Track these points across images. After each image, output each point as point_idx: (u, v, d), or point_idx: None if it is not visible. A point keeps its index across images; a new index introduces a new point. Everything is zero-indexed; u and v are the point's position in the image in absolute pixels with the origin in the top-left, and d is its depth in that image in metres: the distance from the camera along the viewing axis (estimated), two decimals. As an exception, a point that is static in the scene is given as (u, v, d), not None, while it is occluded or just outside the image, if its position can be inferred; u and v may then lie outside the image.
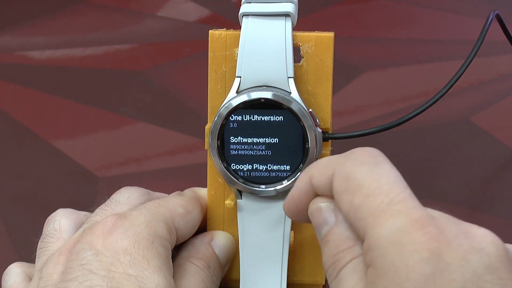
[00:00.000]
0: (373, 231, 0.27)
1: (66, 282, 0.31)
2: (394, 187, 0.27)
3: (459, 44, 0.70)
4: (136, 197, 0.37)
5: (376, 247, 0.26)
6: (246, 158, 0.36)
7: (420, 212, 0.27)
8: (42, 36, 0.75)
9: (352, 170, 0.28)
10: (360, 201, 0.27)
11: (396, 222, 0.26)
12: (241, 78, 0.36)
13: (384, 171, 0.28)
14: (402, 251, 0.26)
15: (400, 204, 0.27)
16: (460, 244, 0.26)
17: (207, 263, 0.36)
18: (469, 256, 0.25)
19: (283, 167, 0.36)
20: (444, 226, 0.26)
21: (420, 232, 0.26)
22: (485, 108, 0.59)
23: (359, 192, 0.28)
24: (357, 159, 0.29)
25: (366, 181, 0.28)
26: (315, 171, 0.30)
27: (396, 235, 0.26)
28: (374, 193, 0.27)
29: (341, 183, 0.28)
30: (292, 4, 0.36)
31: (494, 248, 0.26)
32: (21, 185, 0.52)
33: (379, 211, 0.27)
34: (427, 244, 0.25)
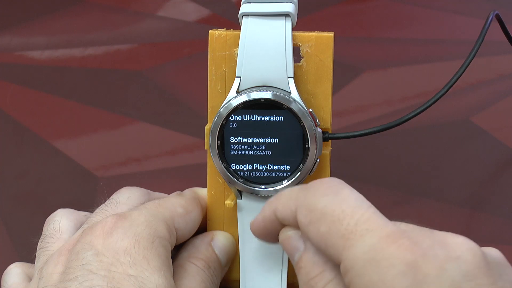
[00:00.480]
0: (347, 253, 0.27)
1: (66, 282, 0.31)
2: (356, 209, 0.28)
3: (459, 44, 0.70)
4: (136, 197, 0.37)
5: (351, 268, 0.27)
6: (246, 158, 0.36)
7: (389, 227, 0.27)
8: (42, 36, 0.75)
9: (314, 202, 0.29)
10: (327, 228, 0.28)
11: (367, 241, 0.26)
12: (241, 78, 0.36)
13: (344, 197, 0.28)
14: (378, 268, 0.26)
15: (367, 223, 0.27)
16: (436, 254, 0.26)
17: (207, 263, 0.36)
18: (446, 266, 0.25)
19: (283, 167, 0.36)
20: (417, 237, 0.26)
21: (393, 246, 0.26)
22: (485, 108, 0.59)
23: (324, 220, 0.28)
24: (317, 191, 0.29)
25: (329, 209, 0.28)
26: (278, 205, 0.31)
27: (370, 253, 0.26)
28: (338, 218, 0.28)
29: (305, 215, 0.29)
30: (292, 4, 0.36)
31: (471, 255, 0.26)
32: (21, 185, 0.52)
33: (348, 234, 0.27)
34: (402, 257, 0.26)
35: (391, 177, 0.51)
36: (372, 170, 0.52)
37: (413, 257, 0.25)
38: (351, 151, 0.52)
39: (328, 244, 0.28)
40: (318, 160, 0.36)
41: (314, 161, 0.35)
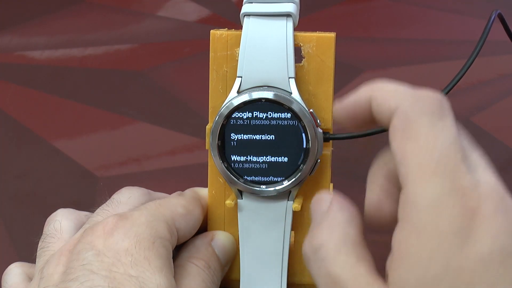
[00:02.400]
0: (415, 187, 0.27)
1: (67, 282, 0.31)
2: (450, 148, 0.27)
3: (459, 44, 0.70)
4: (137, 197, 0.37)
5: (413, 203, 0.26)
6: (247, 158, 0.36)
7: (466, 180, 0.26)
8: (42, 36, 0.75)
9: (416, 114, 0.28)
10: (412, 148, 0.27)
11: (440, 185, 0.26)
12: (242, 78, 0.36)
13: (445, 127, 0.28)
14: (439, 215, 0.26)
15: (450, 166, 0.27)
16: (496, 222, 0.26)
17: (208, 263, 0.36)
18: (500, 236, 0.26)
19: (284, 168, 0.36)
20: (485, 198, 0.26)
21: (460, 202, 0.26)
22: (485, 108, 0.59)
23: (415, 139, 0.27)
24: (425, 105, 0.28)
25: (426, 132, 0.27)
26: (378, 95, 0.30)
27: (436, 198, 0.26)
28: (428, 148, 0.27)
29: (401, 122, 0.28)
30: (293, 4, 0.36)
31: None
32: (21, 185, 0.52)
33: (427, 167, 0.27)
34: (461, 215, 0.26)
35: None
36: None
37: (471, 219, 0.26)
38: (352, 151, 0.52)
39: (404, 163, 0.27)
40: (319, 160, 0.36)
41: (314, 161, 0.35)
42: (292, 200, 0.36)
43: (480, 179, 0.27)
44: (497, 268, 0.25)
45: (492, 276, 0.25)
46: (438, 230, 0.26)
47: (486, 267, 0.25)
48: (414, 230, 0.26)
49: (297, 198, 0.36)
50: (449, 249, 0.26)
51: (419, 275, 0.26)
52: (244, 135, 0.36)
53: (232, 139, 0.36)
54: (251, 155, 0.36)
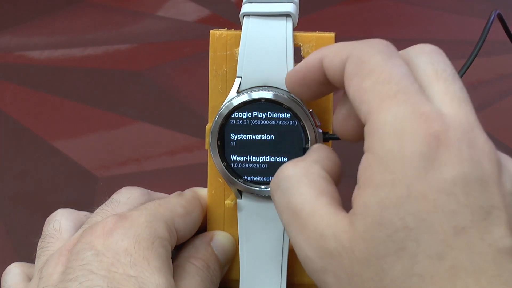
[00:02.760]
0: (377, 116, 0.27)
1: (66, 282, 0.31)
2: (404, 79, 0.27)
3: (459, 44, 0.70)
4: (136, 198, 0.37)
5: (376, 131, 0.26)
6: (246, 158, 0.36)
7: (428, 107, 0.26)
8: (42, 36, 0.75)
9: (368, 55, 0.28)
10: (369, 84, 0.27)
11: (402, 110, 0.26)
12: (241, 78, 0.36)
13: (397, 63, 0.28)
14: (402, 140, 0.26)
15: (409, 94, 0.27)
16: (460, 149, 0.25)
17: (207, 263, 0.36)
18: (464, 164, 0.25)
19: None
20: (450, 126, 0.26)
21: (423, 126, 0.26)
22: (485, 108, 0.59)
23: (370, 76, 0.27)
24: (374, 47, 0.29)
25: (380, 67, 0.27)
26: (328, 53, 0.30)
27: (399, 123, 0.26)
28: (385, 80, 0.27)
29: (354, 66, 0.28)
30: (293, 4, 0.36)
31: (491, 167, 0.26)
32: (21, 185, 0.52)
33: (387, 97, 0.27)
34: (426, 139, 0.25)
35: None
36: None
37: (436, 145, 0.25)
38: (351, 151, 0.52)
39: (364, 100, 0.27)
40: (318, 160, 0.36)
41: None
42: (291, 200, 0.36)
43: (446, 110, 0.27)
44: (459, 197, 0.25)
45: (453, 204, 0.25)
46: (401, 155, 0.25)
47: (448, 194, 0.25)
48: (378, 158, 0.26)
49: (297, 198, 0.36)
50: (412, 174, 0.25)
51: (381, 198, 0.26)
52: (243, 135, 0.36)
53: (231, 139, 0.36)
54: (250, 155, 0.36)
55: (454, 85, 0.28)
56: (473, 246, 0.25)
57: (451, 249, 0.25)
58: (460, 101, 0.28)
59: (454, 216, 0.25)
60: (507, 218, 0.25)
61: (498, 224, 0.25)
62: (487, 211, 0.25)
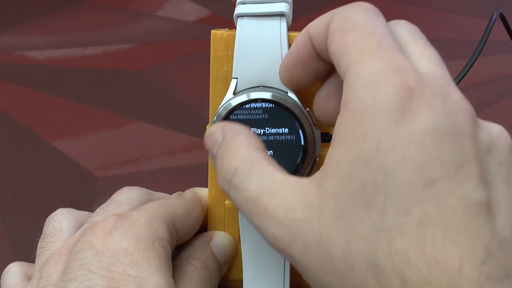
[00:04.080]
0: (354, 69, 0.26)
1: (66, 282, 0.31)
2: (386, 36, 0.27)
3: (459, 44, 0.70)
4: (137, 198, 0.37)
5: (352, 85, 0.26)
6: None
7: (405, 63, 0.26)
8: (42, 36, 0.75)
9: (353, 12, 0.28)
10: (352, 39, 0.27)
11: (379, 64, 0.26)
12: (237, 79, 0.36)
13: (381, 21, 0.28)
14: (375, 92, 0.25)
15: (389, 50, 0.26)
16: (434, 102, 0.25)
17: (205, 263, 0.36)
18: (436, 116, 0.25)
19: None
20: (425, 81, 0.26)
21: (398, 80, 0.25)
22: (485, 108, 0.59)
23: (354, 30, 0.27)
24: (360, 5, 0.29)
25: (363, 23, 0.27)
26: (313, 22, 0.30)
27: (375, 76, 0.26)
28: (367, 35, 0.27)
29: (339, 22, 0.28)
30: (286, 4, 0.36)
31: (465, 120, 0.26)
32: (21, 185, 0.52)
33: (366, 51, 0.26)
34: (400, 92, 0.25)
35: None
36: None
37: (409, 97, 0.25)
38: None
39: (344, 53, 0.27)
40: (317, 159, 0.36)
41: (312, 160, 0.35)
42: (291, 200, 0.36)
43: (423, 67, 0.27)
44: (429, 149, 0.25)
45: (423, 157, 0.25)
46: (373, 108, 0.25)
47: (418, 147, 0.25)
48: (351, 112, 0.26)
49: (297, 198, 0.36)
50: (383, 127, 0.25)
51: (352, 154, 0.25)
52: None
53: (231, 139, 0.36)
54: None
55: (430, 48, 0.28)
56: (442, 199, 0.24)
57: (419, 202, 0.24)
58: (436, 61, 0.28)
59: (423, 169, 0.25)
60: (479, 173, 0.25)
61: (469, 178, 0.25)
62: (458, 164, 0.25)
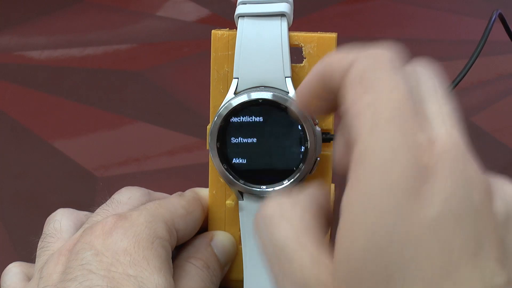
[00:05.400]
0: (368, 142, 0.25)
1: (66, 282, 0.31)
2: (404, 100, 0.25)
3: (459, 44, 0.70)
4: (137, 198, 0.37)
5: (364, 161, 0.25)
6: (246, 158, 0.36)
7: (421, 134, 0.25)
8: (42, 36, 0.75)
9: (372, 68, 0.27)
10: (367, 101, 0.26)
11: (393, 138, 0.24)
12: (238, 79, 0.36)
13: (402, 80, 0.26)
14: (389, 174, 0.24)
15: (405, 120, 0.25)
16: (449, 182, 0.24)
17: (206, 263, 0.36)
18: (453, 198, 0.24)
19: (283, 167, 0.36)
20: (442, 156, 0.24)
21: (412, 158, 0.24)
22: (485, 108, 0.59)
23: (370, 91, 0.26)
24: (380, 58, 0.27)
25: (382, 84, 0.26)
26: (332, 59, 0.28)
27: (387, 153, 0.24)
28: (384, 99, 0.25)
29: (356, 76, 0.27)
30: (287, 4, 0.36)
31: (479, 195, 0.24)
32: (21, 185, 0.52)
33: (382, 121, 0.25)
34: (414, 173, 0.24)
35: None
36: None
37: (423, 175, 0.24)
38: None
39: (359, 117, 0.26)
40: (318, 159, 0.36)
41: (314, 160, 0.35)
42: (292, 200, 0.36)
43: (437, 135, 0.25)
44: (445, 236, 0.23)
45: (440, 245, 0.23)
46: (386, 191, 0.24)
47: (434, 234, 0.23)
48: (361, 193, 0.24)
49: (297, 198, 0.36)
50: (397, 213, 0.24)
51: (363, 244, 0.24)
52: (243, 136, 0.36)
53: (231, 140, 0.36)
54: (250, 156, 0.36)
55: (447, 106, 0.27)
56: (462, 286, 0.23)
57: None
58: (452, 123, 0.26)
59: (441, 260, 0.23)
60: (498, 254, 0.24)
61: (488, 262, 0.24)
62: (477, 249, 0.24)
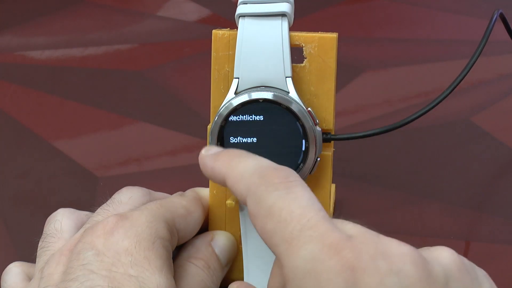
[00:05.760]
0: (288, 261, 0.26)
1: (67, 282, 0.31)
2: (305, 212, 0.26)
3: (459, 44, 0.70)
4: (137, 197, 0.37)
5: (292, 278, 0.25)
6: None
7: (334, 235, 0.25)
8: (42, 36, 0.75)
9: (264, 196, 0.28)
10: (272, 227, 0.27)
11: (309, 249, 0.25)
12: (239, 79, 0.36)
13: (296, 195, 0.27)
14: (318, 281, 0.25)
15: (313, 229, 0.26)
16: (377, 267, 0.24)
17: (207, 263, 0.36)
18: (386, 280, 0.24)
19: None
20: (360, 247, 0.25)
21: (334, 259, 0.25)
22: (486, 108, 0.59)
23: (270, 218, 0.27)
24: (269, 183, 0.28)
25: (277, 208, 0.27)
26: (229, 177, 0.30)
27: (311, 264, 0.25)
28: (285, 220, 0.26)
29: (254, 206, 0.28)
30: (288, 4, 0.36)
31: (414, 268, 0.25)
32: (21, 185, 0.52)
33: (292, 239, 0.26)
34: (342, 273, 0.24)
35: (391, 177, 0.51)
36: (372, 170, 0.52)
37: (352, 273, 0.24)
38: (352, 151, 0.52)
39: (272, 243, 0.27)
40: (318, 159, 0.36)
41: (314, 160, 0.35)
42: (293, 200, 0.36)
43: (351, 233, 0.26)
44: None
45: None
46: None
47: None
48: None
49: (298, 198, 0.36)
50: None
51: None
52: (243, 136, 0.36)
53: (231, 140, 0.36)
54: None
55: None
56: None
57: None
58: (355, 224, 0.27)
59: None
60: None
61: None
62: None
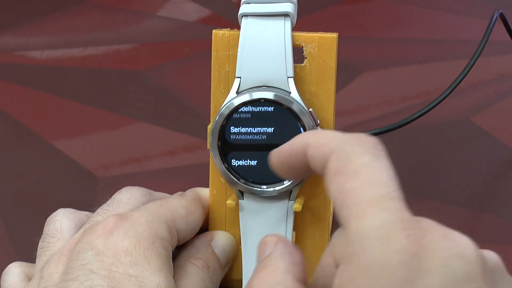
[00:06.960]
0: (358, 223, 0.26)
1: (67, 282, 0.31)
2: (391, 184, 0.26)
3: (459, 44, 0.70)
4: (137, 198, 0.37)
5: (360, 240, 0.25)
6: (247, 158, 0.36)
7: (407, 214, 0.26)
8: (42, 36, 0.75)
9: (355, 154, 0.27)
10: (353, 187, 0.26)
11: (386, 218, 0.25)
12: (241, 78, 0.36)
13: (385, 165, 0.27)
14: (385, 248, 0.25)
15: (392, 201, 0.26)
16: (444, 248, 0.25)
17: (207, 263, 0.36)
18: (450, 262, 0.25)
19: None
20: (429, 228, 0.25)
21: (404, 233, 0.25)
22: (486, 108, 0.59)
23: (356, 177, 0.27)
24: (362, 145, 0.28)
25: (368, 169, 0.27)
26: (313, 141, 0.29)
27: (384, 231, 0.25)
28: (371, 184, 0.26)
29: (338, 163, 0.27)
30: (291, 4, 0.36)
31: (476, 257, 0.25)
32: (21, 185, 0.52)
33: (372, 202, 0.26)
34: (410, 248, 0.25)
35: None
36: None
37: (417, 250, 0.25)
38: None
39: (345, 203, 0.26)
40: (319, 160, 0.36)
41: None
42: (293, 200, 0.36)
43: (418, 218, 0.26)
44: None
45: None
46: (386, 264, 0.24)
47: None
48: (363, 269, 0.25)
49: (298, 199, 0.36)
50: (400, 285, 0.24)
51: None
52: (244, 136, 0.36)
53: (232, 140, 0.36)
54: (251, 155, 0.36)
55: None
56: None
57: None
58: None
59: None
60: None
61: None
62: None
